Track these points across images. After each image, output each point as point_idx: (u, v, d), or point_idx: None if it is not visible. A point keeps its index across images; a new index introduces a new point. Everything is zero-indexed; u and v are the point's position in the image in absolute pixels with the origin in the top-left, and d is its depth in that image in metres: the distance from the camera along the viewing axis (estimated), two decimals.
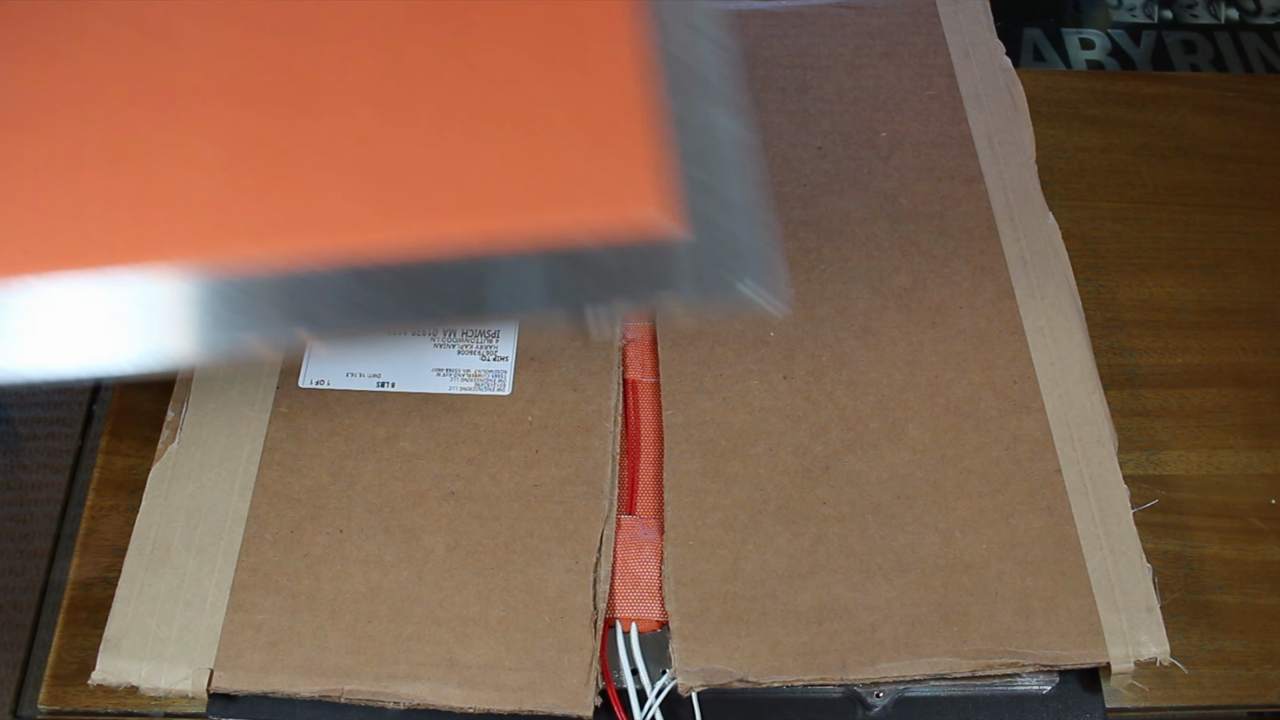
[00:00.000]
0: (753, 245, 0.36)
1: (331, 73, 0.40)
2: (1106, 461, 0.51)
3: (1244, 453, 0.54)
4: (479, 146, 0.38)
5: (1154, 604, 0.47)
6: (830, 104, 0.56)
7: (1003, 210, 0.58)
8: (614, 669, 0.46)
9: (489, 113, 0.38)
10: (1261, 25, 0.78)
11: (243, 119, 0.39)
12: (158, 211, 0.38)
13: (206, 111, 0.40)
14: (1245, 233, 0.61)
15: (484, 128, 0.38)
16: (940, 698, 0.47)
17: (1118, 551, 0.49)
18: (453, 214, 0.37)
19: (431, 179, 0.38)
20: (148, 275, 0.37)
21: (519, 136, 0.38)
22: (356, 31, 0.41)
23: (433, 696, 0.45)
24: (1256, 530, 0.52)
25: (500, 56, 0.39)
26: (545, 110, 0.38)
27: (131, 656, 0.45)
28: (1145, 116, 0.65)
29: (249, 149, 0.39)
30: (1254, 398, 0.56)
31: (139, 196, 0.38)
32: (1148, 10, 0.78)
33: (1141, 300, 0.58)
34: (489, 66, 0.39)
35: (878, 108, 0.62)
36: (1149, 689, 0.48)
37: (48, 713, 0.46)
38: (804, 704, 0.47)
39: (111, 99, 0.40)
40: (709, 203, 0.36)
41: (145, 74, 0.40)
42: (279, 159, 0.38)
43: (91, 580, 0.49)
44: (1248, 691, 0.48)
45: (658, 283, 0.36)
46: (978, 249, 0.56)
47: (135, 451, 0.52)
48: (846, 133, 0.61)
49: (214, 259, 0.37)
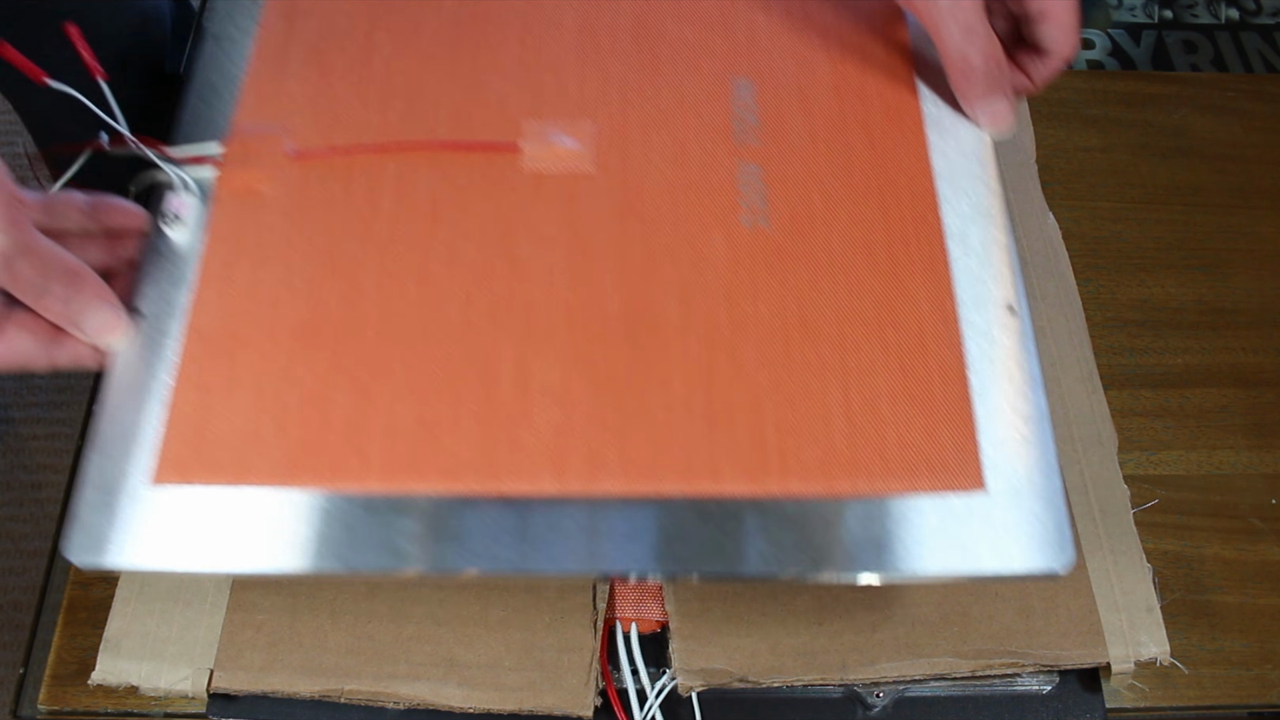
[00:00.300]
0: (1041, 505, 0.41)
1: (675, 310, 0.44)
2: (1106, 461, 0.51)
3: (1244, 453, 0.54)
4: (813, 406, 0.42)
5: (1154, 604, 0.47)
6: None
7: None
8: (614, 669, 0.46)
9: (821, 371, 0.42)
10: (1261, 25, 0.78)
11: (590, 347, 0.43)
12: (510, 434, 0.41)
13: (556, 336, 0.43)
14: (1245, 233, 0.61)
15: (816, 387, 0.42)
16: (940, 698, 0.47)
17: (1118, 551, 0.49)
18: (798, 476, 0.40)
19: (774, 435, 0.41)
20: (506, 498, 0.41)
21: (850, 399, 0.42)
22: (701, 277, 0.44)
23: (433, 696, 0.45)
24: (1256, 530, 0.52)
25: (834, 318, 0.44)
26: (874, 375, 0.42)
27: (131, 656, 0.45)
28: (1145, 116, 0.65)
29: (597, 380, 0.42)
30: (1254, 398, 0.56)
31: (494, 420, 0.41)
32: (1148, 10, 0.78)
33: (1141, 300, 0.58)
34: (823, 326, 0.43)
35: None
36: (1149, 689, 0.48)
37: (48, 713, 0.46)
38: (804, 704, 0.47)
39: (467, 319, 0.44)
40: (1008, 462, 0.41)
41: (497, 293, 0.44)
42: (627, 394, 0.42)
43: (91, 580, 0.49)
44: (1248, 691, 0.48)
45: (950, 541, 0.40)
46: None
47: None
48: None
49: (559, 490, 0.40)
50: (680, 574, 0.40)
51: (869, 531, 0.40)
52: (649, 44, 0.51)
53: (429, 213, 0.46)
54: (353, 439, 0.41)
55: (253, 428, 0.42)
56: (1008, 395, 0.43)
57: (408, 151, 0.48)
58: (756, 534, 0.40)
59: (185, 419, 0.42)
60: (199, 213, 0.47)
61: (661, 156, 0.48)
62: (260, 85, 0.51)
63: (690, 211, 0.46)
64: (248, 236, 0.46)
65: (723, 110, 0.49)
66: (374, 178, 0.48)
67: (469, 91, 0.50)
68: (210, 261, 0.46)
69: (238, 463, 0.41)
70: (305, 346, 0.43)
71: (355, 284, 0.45)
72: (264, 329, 0.44)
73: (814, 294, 0.44)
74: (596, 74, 0.50)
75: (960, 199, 0.47)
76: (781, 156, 0.48)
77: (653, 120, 0.49)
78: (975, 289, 0.44)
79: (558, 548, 0.40)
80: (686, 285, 0.44)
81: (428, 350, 0.43)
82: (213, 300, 0.45)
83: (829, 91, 0.50)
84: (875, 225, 0.46)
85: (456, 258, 0.45)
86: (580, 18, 0.52)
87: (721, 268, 0.45)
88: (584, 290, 0.44)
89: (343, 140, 0.49)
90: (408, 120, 0.49)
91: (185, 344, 0.44)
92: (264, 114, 0.50)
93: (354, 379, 0.43)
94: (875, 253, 0.45)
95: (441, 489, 0.40)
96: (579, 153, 0.48)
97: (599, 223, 0.46)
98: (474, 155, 0.48)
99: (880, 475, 0.40)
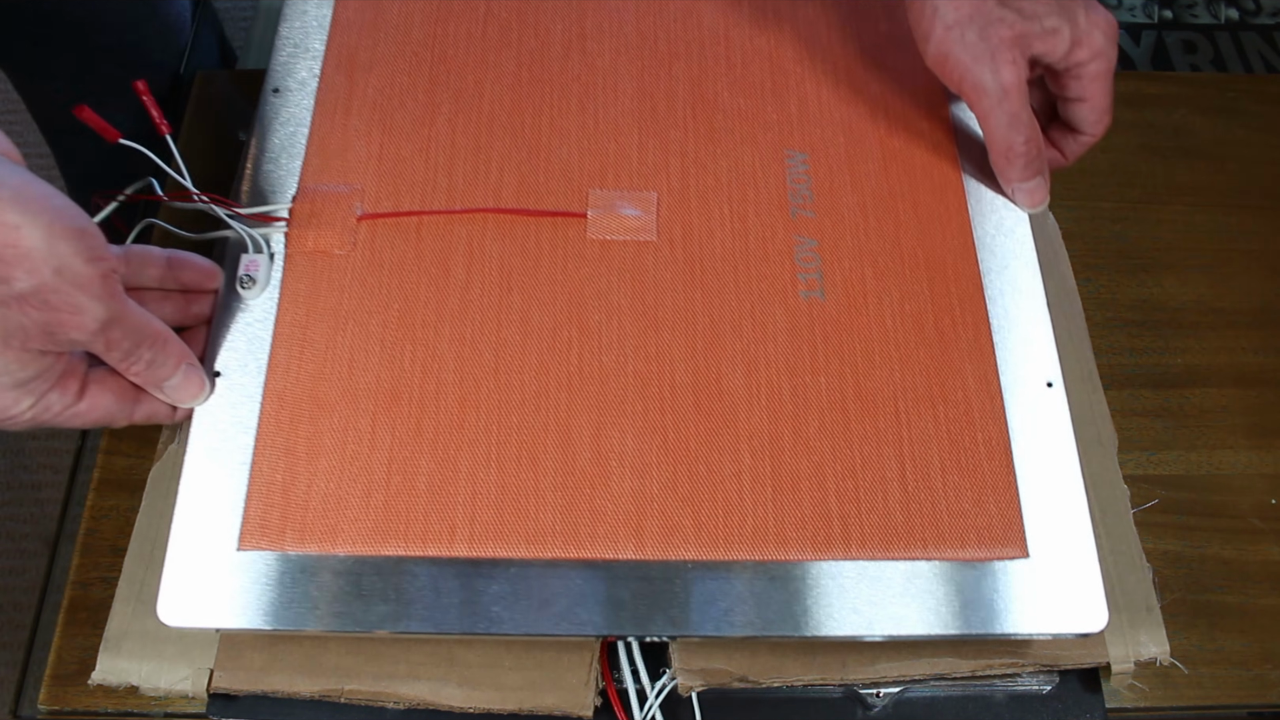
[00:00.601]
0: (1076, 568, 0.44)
1: (741, 381, 0.46)
2: (1106, 461, 0.51)
3: (1244, 453, 0.54)
4: (871, 476, 0.45)
5: (1154, 604, 0.47)
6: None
7: None
8: (614, 669, 0.46)
9: (878, 442, 0.45)
10: (1261, 25, 0.78)
11: (661, 416, 0.45)
12: (591, 502, 0.44)
13: (629, 406, 0.46)
14: (1245, 233, 0.61)
15: (874, 457, 0.45)
16: (940, 698, 0.47)
17: (1118, 551, 0.49)
18: (859, 543, 0.43)
19: (836, 504, 0.44)
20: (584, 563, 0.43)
21: (905, 470, 0.45)
22: (764, 349, 0.47)
23: (433, 696, 0.45)
24: (1256, 530, 0.52)
25: (889, 391, 0.46)
26: (926, 447, 0.45)
27: (131, 656, 0.45)
28: (1145, 116, 0.65)
29: (670, 449, 0.45)
30: (1254, 398, 0.56)
31: (574, 487, 0.44)
32: (1148, 10, 0.78)
33: (1141, 300, 0.58)
34: (878, 399, 0.46)
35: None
36: (1149, 689, 0.48)
37: (48, 713, 0.46)
38: (804, 704, 0.47)
39: (543, 388, 0.46)
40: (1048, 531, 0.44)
41: (570, 363, 0.46)
42: (699, 463, 0.45)
43: (91, 580, 0.49)
44: (1248, 691, 0.48)
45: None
46: None
47: (135, 451, 0.52)
48: None
49: (638, 556, 0.43)
50: (753, 635, 0.43)
51: (922, 595, 0.43)
52: (705, 113, 0.54)
53: (501, 279, 0.48)
54: (438, 505, 0.43)
55: (338, 493, 0.43)
56: (1047, 467, 0.46)
57: (476, 214, 0.50)
58: (818, 595, 0.43)
59: (267, 483, 0.44)
60: (270, 272, 0.48)
61: (721, 227, 0.50)
62: (324, 143, 0.52)
63: (751, 283, 0.49)
64: (321, 298, 0.48)
65: (778, 182, 0.51)
66: (444, 241, 0.49)
67: (533, 155, 0.52)
68: (284, 323, 0.47)
69: (324, 529, 0.43)
70: (387, 412, 0.45)
71: (432, 350, 0.46)
72: (344, 393, 0.45)
73: (869, 367, 0.47)
74: (656, 141, 0.52)
75: (1000, 274, 0.50)
76: (835, 230, 0.50)
77: (711, 190, 0.51)
78: (1016, 364, 0.48)
79: (644, 613, 0.42)
80: (750, 357, 0.47)
81: (506, 418, 0.45)
82: (289, 362, 0.46)
83: (878, 166, 0.52)
84: (923, 300, 0.48)
85: (530, 326, 0.47)
86: (638, 84, 0.54)
87: (782, 340, 0.47)
88: (654, 361, 0.46)
89: (409, 201, 0.50)
90: (473, 183, 0.51)
91: (263, 406, 0.45)
92: (329, 173, 0.51)
93: (436, 445, 0.44)
94: (924, 327, 0.48)
95: (526, 555, 0.43)
96: (643, 221, 0.50)
97: (665, 293, 0.48)
98: (542, 221, 0.50)
99: (933, 542, 0.43)
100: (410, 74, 0.54)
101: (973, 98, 0.49)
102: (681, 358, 0.47)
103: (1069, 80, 0.50)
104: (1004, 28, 0.48)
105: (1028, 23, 0.48)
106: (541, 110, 0.53)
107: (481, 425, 0.45)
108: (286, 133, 0.52)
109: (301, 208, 0.50)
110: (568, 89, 0.54)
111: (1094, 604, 0.43)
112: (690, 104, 0.54)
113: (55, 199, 0.38)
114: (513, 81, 0.54)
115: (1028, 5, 0.48)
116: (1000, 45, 0.48)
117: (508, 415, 0.45)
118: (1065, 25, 0.48)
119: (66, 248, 0.37)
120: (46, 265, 0.37)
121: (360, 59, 0.54)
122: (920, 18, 0.49)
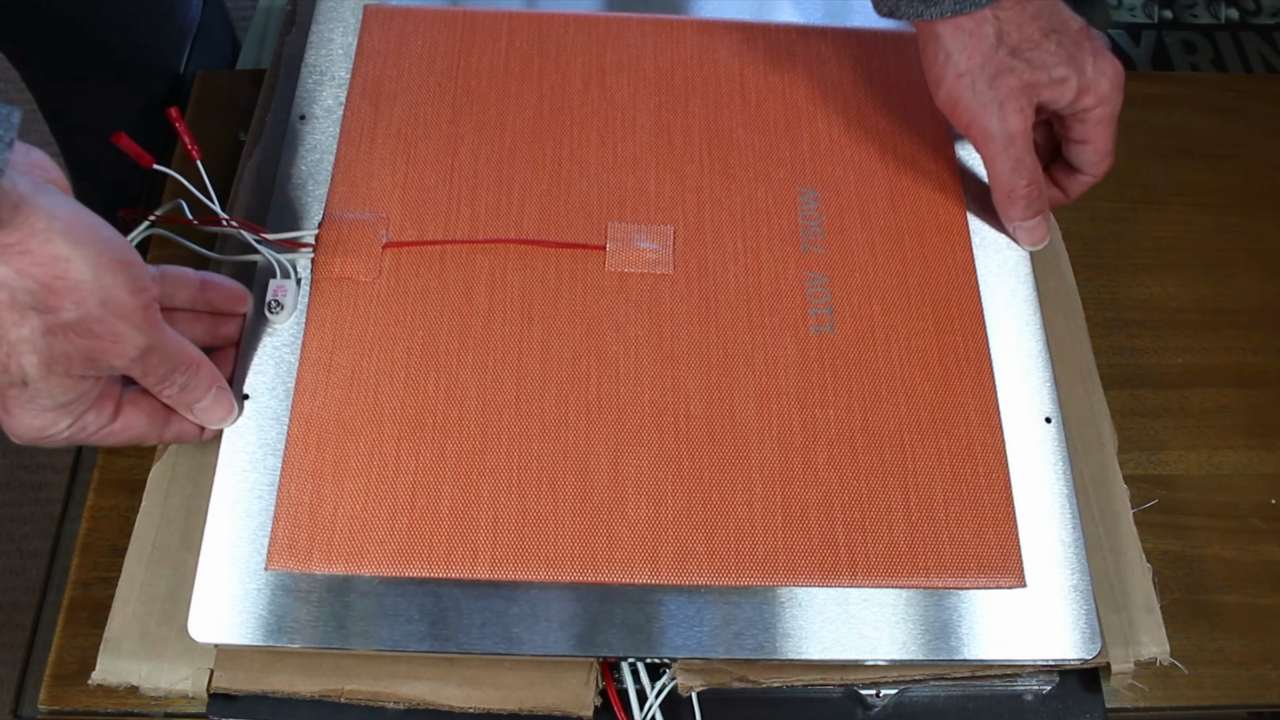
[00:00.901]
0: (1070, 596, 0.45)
1: (753, 412, 0.48)
2: (1107, 462, 0.51)
3: (1244, 453, 0.54)
4: (877, 506, 0.46)
5: (1154, 604, 0.47)
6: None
7: None
8: (614, 669, 0.46)
9: (884, 474, 0.47)
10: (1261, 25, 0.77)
11: (676, 445, 0.47)
12: (608, 527, 0.45)
13: (645, 435, 0.47)
14: (1245, 233, 0.61)
15: (880, 488, 0.46)
16: (940, 698, 0.47)
17: (1118, 551, 0.49)
18: (864, 570, 0.45)
19: (843, 533, 0.45)
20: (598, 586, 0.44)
21: (909, 501, 0.46)
22: (775, 381, 0.48)
23: (433, 696, 0.45)
24: (1256, 530, 0.52)
25: (894, 424, 0.48)
26: (930, 479, 0.47)
27: (131, 656, 0.45)
28: (1145, 116, 0.65)
29: (684, 477, 0.46)
30: (1254, 398, 0.56)
31: (591, 513, 0.45)
32: (1148, 10, 0.78)
33: (1141, 300, 0.58)
34: (885, 432, 0.48)
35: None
36: (1149, 689, 0.48)
37: (48, 713, 0.46)
38: (804, 704, 0.47)
39: (562, 416, 0.47)
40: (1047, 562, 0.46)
41: (589, 392, 0.48)
42: (712, 491, 0.46)
43: (91, 580, 0.49)
44: (1248, 691, 0.48)
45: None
46: None
47: (135, 451, 0.52)
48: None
49: (653, 580, 0.44)
50: (762, 658, 0.44)
51: (923, 622, 0.44)
52: (720, 149, 0.55)
53: (522, 309, 0.49)
54: (461, 529, 0.45)
55: (364, 515, 0.45)
56: (1044, 499, 0.47)
57: (498, 244, 0.51)
58: (818, 622, 0.44)
59: (295, 504, 0.45)
60: (297, 297, 0.49)
61: (736, 261, 0.52)
62: (350, 171, 0.53)
63: (764, 317, 0.50)
64: (346, 323, 0.49)
65: (791, 218, 0.53)
66: (467, 270, 0.50)
67: (553, 188, 0.53)
68: (311, 347, 0.48)
69: (350, 550, 0.44)
70: (411, 437, 0.46)
71: (455, 377, 0.48)
72: (369, 418, 0.47)
73: (876, 401, 0.48)
74: (673, 176, 0.54)
75: (1003, 312, 0.52)
76: (845, 266, 0.52)
77: (726, 225, 0.53)
78: (1016, 399, 0.49)
79: (673, 634, 0.44)
80: (762, 389, 0.48)
81: (527, 445, 0.46)
82: (315, 387, 0.47)
83: (887, 204, 0.54)
84: (929, 336, 0.50)
85: (550, 355, 0.48)
86: (656, 120, 0.56)
87: (793, 373, 0.49)
88: (669, 391, 0.48)
89: (433, 229, 0.51)
90: (495, 213, 0.52)
91: (291, 429, 0.46)
92: (355, 200, 0.52)
93: (459, 470, 0.46)
94: (929, 363, 0.49)
95: (544, 578, 0.44)
96: (660, 255, 0.51)
97: (680, 325, 0.50)
98: (562, 252, 0.51)
99: (935, 571, 0.45)
100: (434, 104, 0.55)
101: (979, 141, 0.50)
102: (696, 389, 0.48)
103: (1074, 124, 0.51)
104: (1013, 77, 0.49)
105: (1036, 73, 0.49)
106: (562, 143, 0.55)
107: (503, 452, 0.46)
108: (313, 159, 0.54)
109: (328, 234, 0.51)
110: (587, 123, 0.55)
111: (1088, 633, 0.45)
112: (706, 140, 0.55)
113: (103, 230, 0.39)
114: (534, 114, 0.55)
115: (1038, 55, 0.49)
116: (1009, 94, 0.49)
117: (528, 442, 0.47)
118: (1073, 75, 0.49)
119: (113, 279, 0.38)
120: (93, 297, 0.38)
121: (385, 88, 0.56)
122: (933, 63, 0.50)
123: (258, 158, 0.56)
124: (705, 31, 0.59)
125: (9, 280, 0.36)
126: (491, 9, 0.59)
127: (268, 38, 0.68)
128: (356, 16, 0.58)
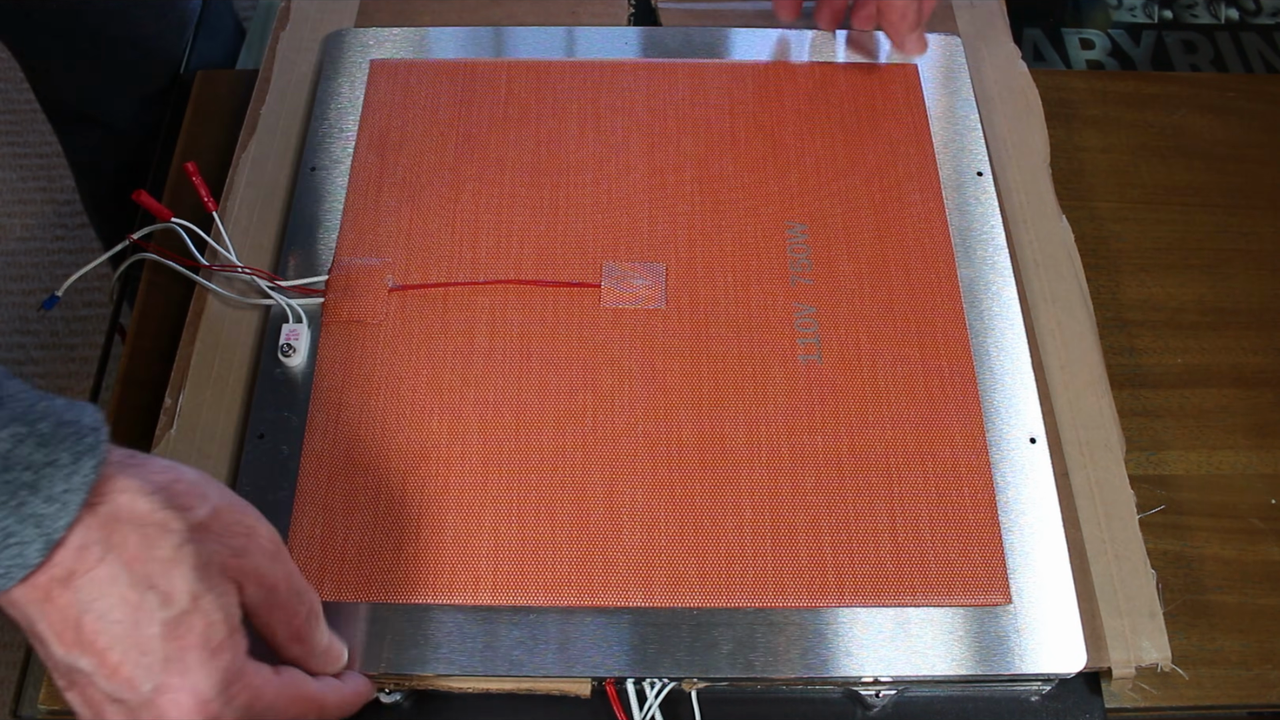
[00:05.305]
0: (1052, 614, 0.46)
1: (742, 440, 0.49)
2: (1114, 467, 0.51)
3: (1244, 453, 0.54)
4: (864, 528, 0.47)
5: (1157, 610, 0.47)
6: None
7: (1015, 212, 0.58)
8: None
9: (870, 497, 0.48)
10: (1261, 25, 0.77)
11: (669, 474, 0.48)
12: (604, 553, 0.46)
13: (638, 464, 0.48)
14: (1245, 233, 0.61)
15: (866, 511, 0.47)
16: (940, 698, 0.47)
17: (1122, 556, 0.49)
18: (852, 591, 0.46)
19: (831, 555, 0.46)
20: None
21: (895, 523, 0.47)
22: (764, 410, 0.50)
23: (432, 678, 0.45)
24: (1256, 530, 0.52)
25: (881, 449, 0.49)
26: (915, 501, 0.48)
27: None
28: (1145, 116, 0.65)
29: (676, 504, 0.47)
30: (1254, 398, 0.56)
31: (588, 540, 0.46)
32: (1148, 10, 0.78)
33: (1142, 300, 0.58)
34: (871, 456, 0.49)
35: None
36: (1149, 688, 0.48)
37: (48, 713, 0.46)
38: (804, 704, 0.47)
39: (560, 448, 0.48)
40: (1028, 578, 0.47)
41: (585, 425, 0.49)
42: (703, 517, 0.47)
43: None
44: (1247, 691, 0.48)
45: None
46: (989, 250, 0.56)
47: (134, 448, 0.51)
48: None
49: (646, 604, 0.45)
50: (754, 677, 0.45)
51: (911, 639, 0.45)
52: (711, 187, 0.57)
53: (521, 346, 0.51)
54: (463, 557, 0.46)
55: (372, 545, 0.46)
56: (1029, 518, 0.48)
57: (498, 285, 0.53)
58: (803, 642, 0.45)
59: (307, 536, 0.47)
60: (308, 340, 0.51)
61: (726, 295, 0.53)
62: (357, 219, 0.55)
63: (754, 348, 0.51)
64: (354, 364, 0.51)
65: (779, 252, 0.54)
66: (468, 310, 0.52)
67: (550, 229, 0.55)
68: (321, 388, 0.50)
69: (359, 578, 0.46)
70: (416, 471, 0.48)
71: (458, 413, 0.49)
72: (376, 453, 0.48)
73: (862, 426, 0.50)
74: (665, 215, 0.56)
75: (987, 336, 0.53)
76: (832, 297, 0.53)
77: (717, 260, 0.54)
78: (1002, 421, 0.50)
79: (653, 657, 0.45)
80: (751, 418, 0.49)
81: (526, 476, 0.48)
82: (326, 425, 0.49)
83: (873, 235, 0.55)
84: (914, 363, 0.51)
85: (548, 390, 0.50)
86: (648, 161, 0.58)
87: (782, 401, 0.50)
88: (662, 421, 0.49)
89: (436, 273, 0.53)
90: (495, 255, 0.54)
91: (302, 465, 0.48)
92: (362, 247, 0.54)
93: (461, 502, 0.47)
94: (914, 389, 0.50)
95: (544, 603, 0.45)
96: (653, 291, 0.53)
97: (673, 358, 0.51)
98: (559, 291, 0.53)
99: (922, 590, 0.46)
100: (437, 152, 0.58)
101: None
102: (688, 418, 0.49)
103: None
104: None
105: None
106: (559, 186, 0.56)
107: (503, 483, 0.48)
108: (323, 208, 0.56)
109: (337, 280, 0.53)
110: (583, 165, 0.57)
111: (1072, 647, 0.45)
112: (697, 178, 0.57)
113: None
114: (532, 159, 0.57)
115: None
116: None
117: (527, 474, 0.48)
118: None
119: (218, 489, 0.37)
120: (214, 491, 0.37)
121: (391, 139, 0.58)
122: None
123: (253, 150, 0.58)
124: (695, 73, 0.61)
125: (132, 485, 0.34)
126: (491, 59, 0.61)
127: (268, 38, 0.68)
128: (363, 71, 0.61)
